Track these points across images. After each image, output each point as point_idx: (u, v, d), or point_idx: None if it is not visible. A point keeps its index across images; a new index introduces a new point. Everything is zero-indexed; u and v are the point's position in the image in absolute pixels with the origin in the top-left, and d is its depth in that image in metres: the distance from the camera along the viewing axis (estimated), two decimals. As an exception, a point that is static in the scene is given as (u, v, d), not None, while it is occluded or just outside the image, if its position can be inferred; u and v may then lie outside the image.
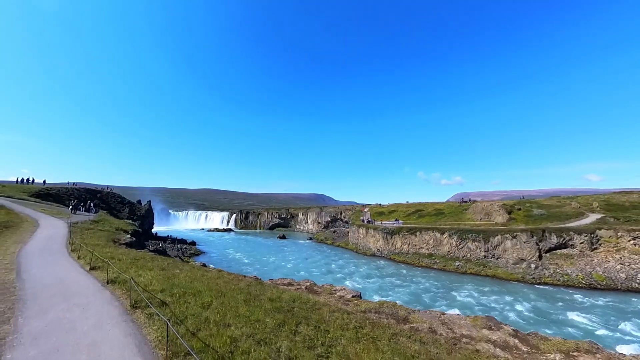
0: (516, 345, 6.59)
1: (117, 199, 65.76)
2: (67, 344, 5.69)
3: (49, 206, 43.46)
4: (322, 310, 7.91)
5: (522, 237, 42.47)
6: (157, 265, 13.83)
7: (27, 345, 5.61)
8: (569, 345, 6.60)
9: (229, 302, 8.08)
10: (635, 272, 36.40)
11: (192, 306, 7.58)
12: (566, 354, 6.29)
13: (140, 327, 6.55)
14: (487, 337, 6.85)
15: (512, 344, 6.64)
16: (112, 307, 7.64)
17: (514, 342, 6.67)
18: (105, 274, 10.83)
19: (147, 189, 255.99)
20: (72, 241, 18.86)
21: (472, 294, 34.16)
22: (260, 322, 6.66)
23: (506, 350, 6.35)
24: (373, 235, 60.03)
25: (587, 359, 6.06)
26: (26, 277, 10.75)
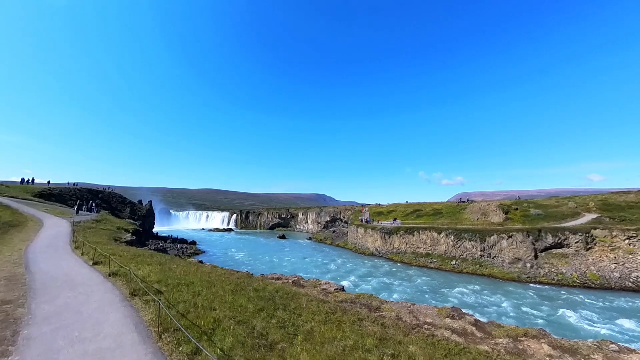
0: (472, 331, 7.45)
1: (119, 199, 67.13)
2: (74, 323, 6.68)
3: (52, 206, 44.83)
4: (300, 299, 8.85)
5: (518, 236, 43.15)
6: (155, 260, 14.86)
7: (40, 324, 6.62)
8: (519, 332, 7.46)
9: (218, 291, 9.07)
10: (629, 271, 37.01)
11: (184, 294, 8.56)
12: (514, 338, 7.15)
13: (137, 310, 7.54)
14: (447, 325, 7.73)
15: (469, 330, 7.50)
16: (113, 295, 8.65)
17: (471, 329, 7.53)
18: (107, 268, 11.86)
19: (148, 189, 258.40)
20: (75, 239, 19.99)
21: (466, 293, 34.93)
22: (242, 307, 7.63)
23: (461, 336, 7.22)
24: (371, 235, 60.89)
25: (531, 342, 6.91)
26: (35, 270, 11.81)
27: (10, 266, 12.54)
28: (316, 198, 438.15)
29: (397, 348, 5.59)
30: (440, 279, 40.62)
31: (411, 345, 5.80)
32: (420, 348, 5.67)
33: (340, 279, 40.45)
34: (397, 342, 5.95)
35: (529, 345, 6.61)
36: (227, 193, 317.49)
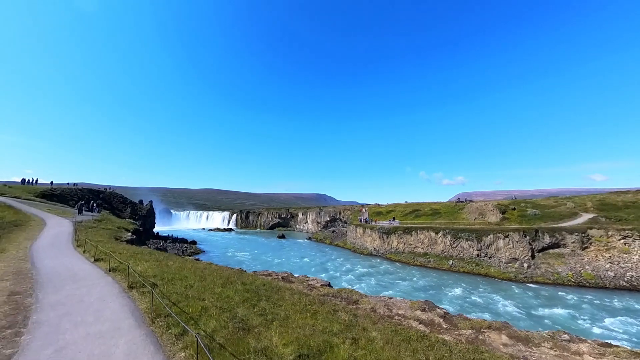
0: (439, 323, 8.20)
1: (119, 199, 68.28)
2: (78, 310, 7.55)
3: (54, 206, 45.98)
4: (284, 292, 9.66)
5: (515, 236, 43.74)
6: (154, 258, 15.76)
7: (47, 311, 7.49)
8: (483, 324, 8.19)
9: (209, 284, 9.92)
10: (624, 270, 37.54)
11: (178, 287, 9.42)
12: (478, 330, 7.89)
13: (134, 300, 8.40)
14: (416, 316, 8.49)
15: (436, 322, 8.25)
16: (113, 287, 9.52)
17: (439, 321, 8.29)
18: (108, 264, 12.75)
19: (149, 189, 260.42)
20: (77, 238, 20.95)
21: (461, 292, 35.61)
22: (229, 298, 8.47)
23: (427, 326, 7.97)
24: (370, 235, 61.60)
25: (492, 333, 7.65)
26: (40, 266, 12.72)
27: (17, 262, 13.47)
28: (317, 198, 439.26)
29: (360, 333, 6.38)
30: (437, 278, 41.31)
31: (374, 331, 6.58)
32: (381, 334, 6.45)
33: (337, 278, 41.28)
34: (362, 328, 6.74)
35: (489, 336, 7.36)
36: (227, 193, 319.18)
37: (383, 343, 5.87)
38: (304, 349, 5.32)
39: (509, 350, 6.58)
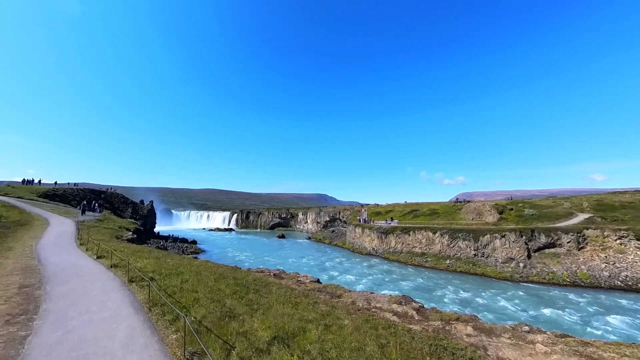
0: (412, 315, 8.97)
1: (121, 199, 69.43)
2: (82, 300, 8.41)
3: (56, 206, 47.11)
4: (272, 286, 10.49)
5: (511, 236, 44.34)
6: (153, 255, 16.65)
7: (55, 301, 8.37)
8: (452, 316, 8.94)
9: (203, 279, 10.77)
10: (619, 270, 38.06)
11: (174, 281, 10.28)
12: (447, 322, 8.65)
13: (133, 293, 9.27)
14: (392, 309, 9.26)
15: (409, 314, 9.03)
16: (114, 282, 10.39)
17: (412, 313, 9.06)
18: (109, 261, 13.64)
19: (150, 189, 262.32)
20: (80, 236, 21.91)
21: (456, 291, 36.31)
22: (220, 290, 9.32)
23: (400, 318, 8.75)
24: (368, 235, 62.34)
25: (459, 325, 8.40)
26: (46, 262, 13.63)
27: (24, 259, 14.40)
28: (318, 198, 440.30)
29: (333, 321, 7.18)
30: (433, 278, 42.01)
31: (347, 320, 7.37)
32: (353, 322, 7.25)
33: (335, 278, 42.11)
34: (337, 317, 7.54)
35: (456, 327, 8.12)
36: (228, 193, 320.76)
37: (352, 329, 6.66)
38: (280, 332, 6.13)
39: (471, 339, 7.35)
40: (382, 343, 5.95)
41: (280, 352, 5.29)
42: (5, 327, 6.62)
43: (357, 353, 5.40)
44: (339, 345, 5.69)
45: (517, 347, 6.82)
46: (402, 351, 5.69)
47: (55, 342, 5.98)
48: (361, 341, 5.98)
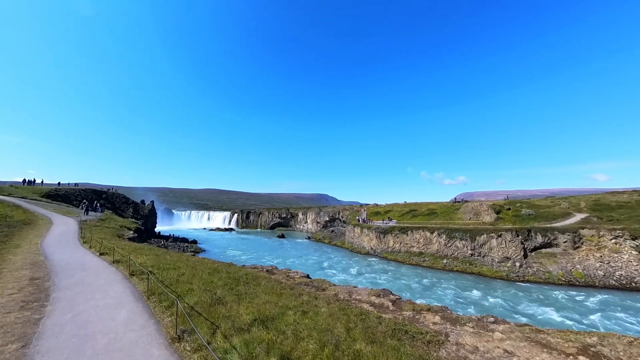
0: (387, 306, 9.85)
1: (122, 199, 70.70)
2: (88, 290, 9.40)
3: (59, 206, 48.38)
4: (262, 280, 11.43)
5: (507, 236, 45.03)
6: (153, 253, 17.66)
7: (63, 290, 9.36)
8: (423, 307, 9.81)
9: (198, 273, 11.74)
10: (614, 269, 38.69)
11: (171, 274, 11.26)
12: (417, 311, 9.52)
13: (134, 284, 10.25)
14: (370, 301, 10.15)
15: (385, 305, 9.91)
16: (116, 275, 11.39)
17: (387, 304, 9.94)
18: (112, 257, 14.65)
19: (151, 189, 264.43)
20: (83, 235, 22.99)
21: (451, 289, 37.09)
22: (212, 282, 10.28)
23: (375, 308, 9.63)
24: (367, 235, 63.17)
25: (429, 315, 9.27)
26: (52, 258, 14.67)
27: (31, 255, 15.44)
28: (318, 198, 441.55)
29: (311, 309, 8.09)
30: (430, 277, 42.78)
31: (324, 307, 8.29)
32: (329, 310, 8.16)
33: (331, 276, 42.99)
34: (315, 305, 8.46)
35: (425, 317, 9.00)
36: (229, 193, 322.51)
37: (327, 316, 7.57)
38: (261, 316, 7.06)
39: (436, 327, 8.22)
40: (350, 327, 6.85)
41: (258, 331, 6.22)
42: (21, 312, 7.61)
43: (325, 333, 6.30)
44: (311, 327, 6.60)
45: (477, 334, 7.69)
46: (365, 333, 6.59)
47: (65, 322, 6.94)
48: (332, 324, 6.89)
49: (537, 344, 7.01)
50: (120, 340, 6.18)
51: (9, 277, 10.88)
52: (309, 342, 5.81)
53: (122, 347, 5.90)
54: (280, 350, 5.45)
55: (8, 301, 8.34)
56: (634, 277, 37.29)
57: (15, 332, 6.46)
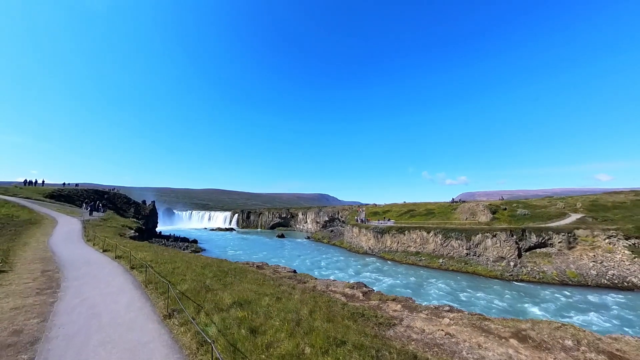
0: (358, 296, 11.15)
1: (123, 199, 72.60)
2: (93, 281, 10.86)
3: (62, 206, 50.25)
4: (249, 273, 12.80)
5: (502, 236, 46.05)
6: (152, 249, 19.18)
7: (72, 281, 10.84)
8: (389, 297, 11.08)
9: (192, 266, 13.17)
10: (607, 269, 39.62)
11: (168, 267, 12.71)
12: (383, 301, 10.79)
13: (134, 276, 11.71)
14: (344, 292, 11.46)
15: (356, 295, 11.22)
16: (118, 268, 12.86)
17: (358, 295, 11.24)
18: (114, 253, 16.15)
19: (152, 189, 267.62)
20: (87, 234, 24.57)
21: (445, 288, 38.25)
22: (204, 274, 11.69)
23: (346, 297, 10.93)
24: (365, 234, 64.41)
25: (392, 303, 10.52)
26: (59, 254, 16.20)
27: (40, 252, 16.99)
28: (319, 198, 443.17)
29: (286, 296, 9.45)
30: (425, 276, 43.96)
31: (297, 295, 9.63)
32: (301, 296, 9.50)
33: (327, 275, 44.34)
34: (290, 293, 9.80)
35: (389, 305, 10.29)
36: (230, 193, 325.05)
37: (298, 301, 8.90)
38: (240, 299, 8.42)
39: (395, 313, 9.50)
40: (314, 310, 8.18)
41: (235, 311, 7.58)
42: (37, 296, 9.06)
43: (292, 314, 7.64)
44: (281, 310, 7.94)
45: (429, 320, 8.97)
46: (326, 315, 7.91)
47: (75, 305, 8.37)
48: (299, 308, 8.22)
49: (478, 328, 8.27)
50: (122, 318, 7.57)
51: (23, 270, 12.37)
52: (275, 320, 7.14)
53: (123, 322, 7.29)
54: (250, 325, 6.80)
55: (25, 288, 9.81)
56: (626, 277, 38.22)
57: (35, 311, 7.89)
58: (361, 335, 6.64)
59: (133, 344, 6.20)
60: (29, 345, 6.10)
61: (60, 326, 7.01)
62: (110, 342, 6.28)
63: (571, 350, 6.91)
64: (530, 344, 7.19)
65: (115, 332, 6.80)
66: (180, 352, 5.92)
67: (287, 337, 6.18)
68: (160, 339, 6.42)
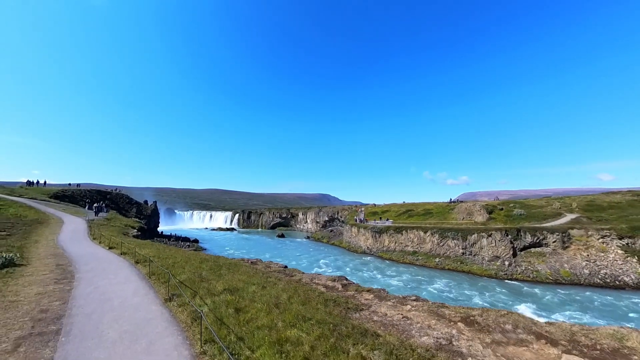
0: (337, 287, 12.57)
1: (125, 199, 74.62)
2: (103, 273, 12.46)
3: (67, 206, 52.27)
4: (242, 267, 14.31)
5: (497, 235, 47.22)
6: (154, 247, 20.85)
7: (84, 273, 12.45)
8: (364, 289, 12.47)
9: (190, 261, 14.74)
10: (599, 268, 40.68)
11: (168, 262, 14.31)
12: (359, 292, 12.21)
13: (139, 269, 13.31)
14: (325, 284, 12.89)
15: (336, 287, 12.64)
16: (124, 263, 14.46)
17: (338, 286, 12.66)
18: (119, 250, 17.78)
19: (154, 189, 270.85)
20: (92, 233, 26.28)
21: (439, 286, 39.56)
22: (201, 268, 13.26)
23: (327, 289, 12.35)
24: (363, 234, 65.80)
25: (366, 294, 11.92)
26: (69, 251, 17.86)
27: (51, 248, 18.67)
28: (320, 198, 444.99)
29: (271, 285, 10.94)
30: (421, 275, 45.28)
31: (281, 284, 11.12)
32: (284, 286, 11.00)
33: (324, 273, 45.81)
34: (274, 283, 11.29)
35: (362, 295, 11.70)
36: (231, 193, 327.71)
37: (280, 289, 10.38)
38: (230, 287, 9.94)
39: (365, 301, 10.91)
40: (293, 296, 9.65)
41: (225, 296, 9.08)
42: (56, 285, 10.65)
43: (273, 298, 9.13)
44: (264, 295, 9.43)
45: (394, 307, 10.39)
46: (302, 300, 9.38)
47: (89, 292, 9.95)
48: (280, 294, 9.71)
49: (433, 314, 9.66)
50: (129, 301, 9.10)
51: (39, 264, 13.99)
52: (258, 303, 8.62)
53: (131, 305, 8.82)
54: (236, 306, 8.29)
55: (44, 278, 11.40)
56: (618, 276, 39.27)
57: (55, 296, 9.46)
58: (327, 315, 8.09)
59: (139, 320, 7.71)
60: (55, 320, 7.63)
61: (78, 307, 8.54)
62: (121, 318, 7.80)
63: (508, 332, 8.28)
64: (475, 327, 8.57)
65: (124, 311, 8.33)
66: (177, 325, 7.42)
67: (265, 315, 7.66)
68: (162, 316, 7.92)
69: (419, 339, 7.32)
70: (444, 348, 6.93)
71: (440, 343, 7.18)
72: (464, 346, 7.11)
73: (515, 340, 7.75)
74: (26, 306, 8.46)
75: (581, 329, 8.28)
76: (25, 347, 6.15)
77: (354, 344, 6.18)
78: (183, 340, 6.57)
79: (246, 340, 6.19)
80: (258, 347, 5.88)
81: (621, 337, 7.53)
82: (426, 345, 6.93)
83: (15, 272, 12.09)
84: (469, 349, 7.04)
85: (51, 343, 6.38)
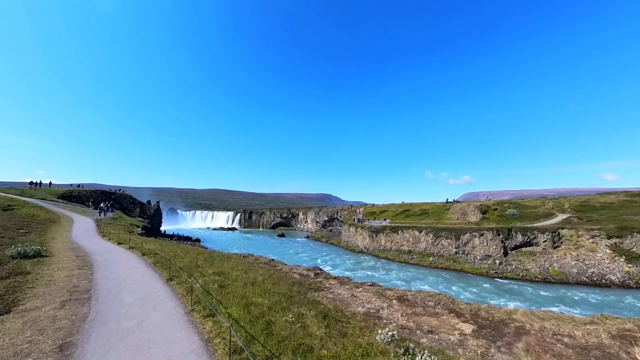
0: (310, 275, 15.28)
1: (129, 199, 78.34)
2: (115, 263, 15.44)
3: (74, 206, 55.92)
4: (232, 258, 17.13)
5: (488, 235, 49.44)
6: (158, 243, 23.89)
7: (100, 262, 15.52)
8: (331, 277, 15.18)
9: (189, 254, 17.66)
10: (587, 267, 42.70)
11: (170, 254, 17.24)
12: (326, 279, 14.93)
13: (145, 259, 16.26)
14: (301, 272, 15.65)
15: (308, 275, 15.37)
16: (132, 255, 17.44)
17: (311, 274, 15.38)
18: (127, 245, 20.80)
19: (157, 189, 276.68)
20: (101, 230, 29.44)
21: (431, 284, 41.95)
22: (197, 258, 16.15)
23: (301, 276, 15.13)
24: (361, 234, 68.39)
25: (332, 280, 14.65)
26: (83, 245, 20.94)
27: (67, 244, 21.76)
28: (322, 198, 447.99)
29: (252, 271, 13.74)
30: (415, 273, 47.73)
31: (261, 270, 13.89)
32: (263, 272, 13.77)
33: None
34: (256, 270, 14.07)
35: (328, 281, 14.43)
36: (233, 193, 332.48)
37: (259, 274, 13.16)
38: (218, 271, 12.77)
39: (328, 285, 13.64)
40: (267, 278, 12.42)
41: (213, 277, 11.91)
42: (79, 270, 13.61)
43: (251, 279, 11.92)
44: (245, 277, 12.24)
45: (349, 289, 13.10)
46: (274, 280, 12.15)
47: (107, 275, 12.90)
48: (258, 277, 12.51)
49: (377, 293, 12.34)
50: (139, 281, 12.00)
51: (61, 255, 17.01)
52: (238, 282, 11.42)
53: (140, 283, 11.73)
54: (221, 283, 11.11)
55: (69, 265, 14.37)
56: (605, 274, 41.26)
57: (82, 277, 12.40)
58: (289, 291, 10.83)
59: (148, 292, 10.59)
60: (85, 291, 10.55)
61: (101, 284, 11.46)
62: (134, 291, 10.70)
63: (428, 307, 10.90)
64: (405, 303, 11.22)
65: (136, 287, 11.22)
66: (175, 295, 10.28)
67: (241, 289, 10.49)
68: (164, 290, 10.79)
69: (354, 309, 9.97)
70: (369, 314, 9.56)
71: (369, 311, 9.80)
72: (385, 314, 9.74)
73: (431, 313, 10.36)
74: (61, 283, 11.39)
75: (487, 307, 10.89)
76: (69, 306, 9.03)
77: (299, 307, 8.87)
78: (179, 304, 9.40)
79: (223, 303, 8.97)
80: (231, 306, 8.65)
81: (510, 312, 10.10)
82: (355, 311, 9.59)
83: (45, 261, 15.09)
84: (389, 316, 9.66)
85: (86, 304, 9.25)
